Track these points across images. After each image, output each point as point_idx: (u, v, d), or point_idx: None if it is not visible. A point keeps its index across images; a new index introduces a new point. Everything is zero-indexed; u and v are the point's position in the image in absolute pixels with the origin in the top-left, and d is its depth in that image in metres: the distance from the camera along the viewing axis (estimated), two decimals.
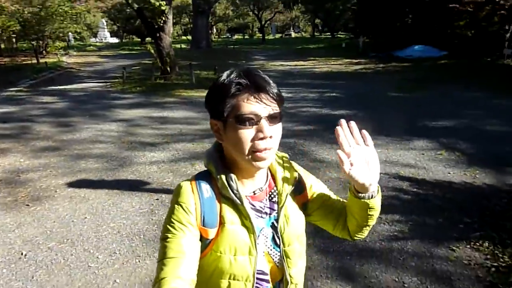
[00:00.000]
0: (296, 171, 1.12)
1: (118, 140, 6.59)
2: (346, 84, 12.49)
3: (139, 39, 53.45)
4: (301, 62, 20.07)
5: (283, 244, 1.06)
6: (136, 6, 12.86)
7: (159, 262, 0.95)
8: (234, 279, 1.01)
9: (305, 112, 8.53)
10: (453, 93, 10.31)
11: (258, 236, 1.03)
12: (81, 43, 41.85)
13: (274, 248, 1.07)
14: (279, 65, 19.27)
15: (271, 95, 0.95)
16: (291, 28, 67.88)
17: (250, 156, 0.96)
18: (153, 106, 9.65)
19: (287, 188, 1.07)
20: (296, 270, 1.11)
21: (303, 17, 62.41)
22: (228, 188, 0.99)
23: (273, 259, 1.07)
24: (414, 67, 16.35)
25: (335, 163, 5.07)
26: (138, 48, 38.45)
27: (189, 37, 39.80)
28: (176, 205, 0.99)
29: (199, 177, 1.05)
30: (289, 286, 1.09)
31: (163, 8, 11.94)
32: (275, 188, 1.09)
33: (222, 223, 1.00)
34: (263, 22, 51.24)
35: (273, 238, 1.07)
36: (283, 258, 1.07)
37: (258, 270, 1.03)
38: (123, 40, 54.38)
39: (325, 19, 50.64)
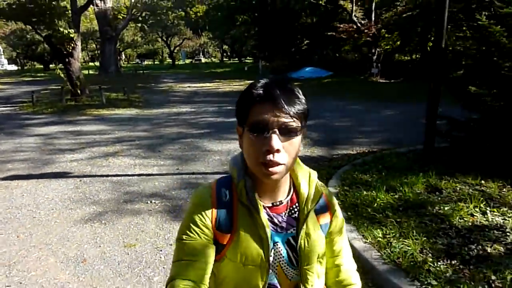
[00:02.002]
0: (322, 189, 1.08)
1: (38, 149, 7.61)
2: None
3: (42, 66, 51.41)
4: (207, 84, 22.02)
5: (302, 262, 1.03)
6: (44, 33, 13.62)
7: (174, 263, 0.98)
8: None
9: (203, 121, 10.32)
10: (325, 103, 12.87)
11: (272, 249, 1.01)
12: None
13: (288, 265, 1.03)
14: (186, 86, 20.97)
15: (288, 108, 0.91)
16: (201, 53, 70.29)
17: (258, 167, 0.94)
18: (67, 123, 10.60)
19: (310, 205, 1.04)
20: None
21: (211, 43, 65.28)
22: (245, 195, 0.98)
23: (287, 276, 1.04)
24: (303, 86, 19.13)
25: (217, 151, 6.94)
26: (42, 74, 37.40)
27: (97, 63, 39.77)
28: (193, 208, 1.00)
29: (220, 181, 1.05)
30: None
31: (72, 35, 12.96)
32: (297, 204, 1.05)
33: (236, 229, 0.99)
34: (172, 48, 52.80)
35: (288, 255, 1.03)
36: (301, 277, 1.03)
37: (270, 284, 1.02)
38: (24, 67, 51.68)
39: (232, 45, 53.86)
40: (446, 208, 3.68)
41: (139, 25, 45.91)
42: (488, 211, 3.56)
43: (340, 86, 18.05)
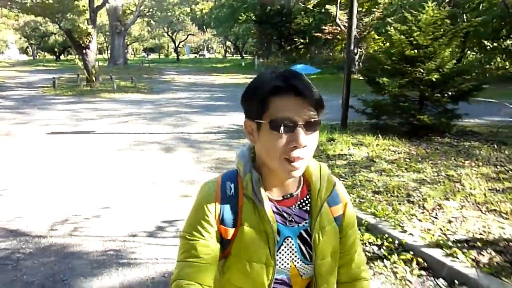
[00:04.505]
0: (333, 180, 1.04)
1: (67, 118, 10.04)
2: (232, 90, 16.99)
3: (52, 57, 53.97)
4: (206, 77, 24.48)
5: (316, 256, 0.99)
6: (65, 28, 16.04)
7: (178, 262, 0.97)
8: (249, 287, 0.97)
9: (196, 104, 12.77)
10: None
11: (281, 244, 0.98)
12: None
13: (301, 260, 1.00)
14: (187, 78, 23.43)
15: (311, 101, 0.87)
16: (205, 49, 72.66)
17: (281, 164, 0.89)
18: (86, 103, 13.05)
19: (323, 197, 1.01)
20: (328, 285, 1.04)
21: (215, 40, 67.63)
22: (251, 188, 0.96)
23: (298, 272, 1.00)
24: None
25: (202, 122, 9.41)
26: (54, 64, 39.88)
27: (105, 56, 42.19)
28: (198, 205, 0.99)
29: (226, 175, 1.03)
30: None
31: (89, 31, 15.39)
32: (307, 197, 1.03)
33: (240, 224, 0.96)
34: (177, 43, 55.16)
35: (300, 249, 0.99)
36: (315, 272, 1.00)
37: (278, 280, 0.99)
38: (35, 58, 54.22)
39: (235, 42, 56.19)
40: (331, 147, 6.08)
41: (146, 19, 48.36)
42: (351, 148, 5.97)
43: (321, 81, 20.33)
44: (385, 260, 3.10)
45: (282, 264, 0.98)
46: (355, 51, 23.11)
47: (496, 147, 6.23)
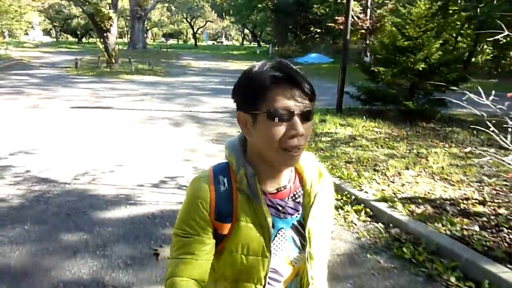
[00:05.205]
0: (323, 172, 1.08)
1: (88, 95, 10.93)
2: None
3: (75, 39, 55.35)
4: (220, 63, 25.22)
5: (310, 245, 1.02)
6: (88, 11, 16.92)
7: (172, 259, 0.97)
8: (244, 280, 0.99)
9: (208, 87, 13.58)
10: (313, 82, 15.80)
11: (275, 236, 0.99)
12: (14, 40, 43.08)
13: (294, 250, 1.02)
14: (202, 64, 24.20)
15: (305, 90, 0.89)
16: (223, 36, 73.19)
17: (279, 154, 0.90)
18: (105, 83, 13.95)
19: (316, 188, 1.03)
20: (318, 272, 1.07)
21: (234, 27, 68.10)
22: (246, 183, 0.96)
23: (291, 261, 1.03)
24: (302, 69, 21.91)
25: (210, 103, 10.18)
26: (76, 46, 41.17)
27: (125, 40, 43.16)
28: (191, 201, 0.97)
29: (217, 168, 1.02)
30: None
31: (111, 15, 16.23)
32: (300, 189, 1.05)
33: (236, 219, 0.96)
34: (195, 29, 55.87)
35: (293, 239, 1.02)
36: (307, 259, 1.03)
37: (271, 269, 1.00)
38: (58, 40, 55.73)
39: (252, 30, 56.57)
40: (320, 127, 6.76)
41: (166, 5, 49.13)
42: (338, 128, 6.65)
43: (332, 71, 20.80)
44: (339, 209, 3.82)
45: (276, 255, 0.99)
46: (367, 41, 23.48)
47: (475, 133, 6.80)
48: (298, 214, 1.02)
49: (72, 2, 18.32)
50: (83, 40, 54.52)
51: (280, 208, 1.00)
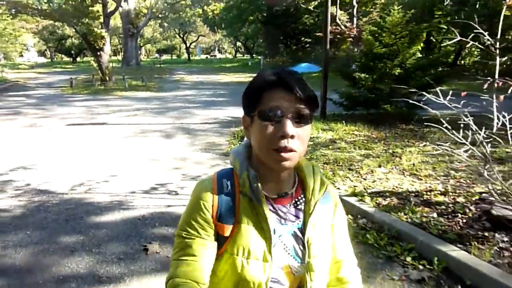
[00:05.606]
0: (326, 181, 1.08)
1: (83, 112, 11.32)
2: (234, 87, 18.13)
3: (69, 59, 56.00)
4: (213, 76, 25.74)
5: (309, 255, 1.01)
6: (81, 31, 17.41)
7: (173, 260, 0.98)
8: (245, 285, 0.97)
9: (199, 99, 14.00)
10: None
11: (276, 243, 0.99)
12: (9, 62, 43.40)
13: (295, 258, 1.01)
14: (195, 77, 24.72)
15: (299, 94, 0.90)
16: (216, 49, 74.07)
17: (271, 154, 0.92)
18: (100, 100, 14.36)
19: (317, 196, 1.04)
20: (318, 284, 1.04)
21: (226, 40, 68.98)
22: (248, 186, 0.98)
23: (291, 270, 1.01)
24: None
25: (202, 115, 10.55)
26: (70, 66, 41.71)
27: (119, 57, 43.77)
28: (194, 203, 1.00)
29: (221, 173, 1.05)
30: None
31: (103, 34, 16.73)
32: (302, 196, 1.05)
33: (238, 221, 0.98)
34: (188, 44, 56.64)
35: (294, 248, 1.01)
36: (307, 270, 1.01)
37: (273, 278, 0.99)
38: (53, 60, 56.33)
39: (244, 42, 57.38)
40: None
41: (159, 21, 49.86)
42: (320, 133, 7.04)
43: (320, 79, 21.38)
44: None
45: (277, 262, 0.99)
46: (355, 49, 24.05)
47: (450, 131, 7.20)
48: (299, 221, 1.03)
49: (65, 23, 18.71)
50: (78, 59, 55.19)
51: (281, 214, 1.01)
